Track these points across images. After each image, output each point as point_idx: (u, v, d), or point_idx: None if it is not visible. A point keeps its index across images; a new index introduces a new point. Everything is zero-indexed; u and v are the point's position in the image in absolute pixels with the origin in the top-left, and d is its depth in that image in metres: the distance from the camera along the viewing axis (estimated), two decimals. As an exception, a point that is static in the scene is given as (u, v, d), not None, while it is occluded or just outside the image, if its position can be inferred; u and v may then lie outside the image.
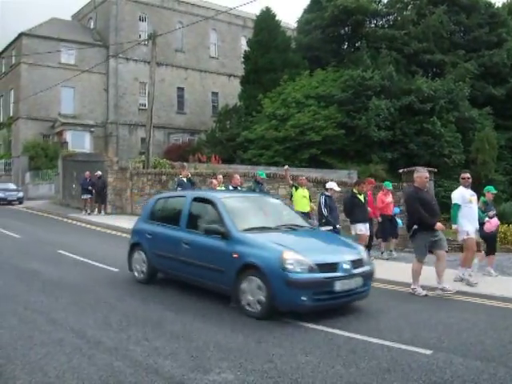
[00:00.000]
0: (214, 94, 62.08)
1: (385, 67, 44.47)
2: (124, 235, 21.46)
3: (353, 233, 15.26)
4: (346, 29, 52.45)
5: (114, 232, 22.65)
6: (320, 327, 8.52)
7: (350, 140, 42.09)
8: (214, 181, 18.55)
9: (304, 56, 49.32)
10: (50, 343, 7.36)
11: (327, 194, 14.91)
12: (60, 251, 16.00)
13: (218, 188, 18.14)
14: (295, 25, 58.69)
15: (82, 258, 14.84)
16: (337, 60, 48.90)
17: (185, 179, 20.27)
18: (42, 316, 8.90)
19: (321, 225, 14.48)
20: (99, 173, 29.10)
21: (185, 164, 24.04)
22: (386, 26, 52.92)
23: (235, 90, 54.12)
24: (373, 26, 52.89)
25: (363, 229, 15.14)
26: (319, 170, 35.55)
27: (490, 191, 14.33)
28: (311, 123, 41.01)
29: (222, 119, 49.41)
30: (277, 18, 50.19)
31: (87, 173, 29.62)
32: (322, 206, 14.59)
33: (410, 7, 53.75)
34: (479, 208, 13.42)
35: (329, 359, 6.98)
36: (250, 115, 45.46)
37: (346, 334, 8.19)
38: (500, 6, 56.44)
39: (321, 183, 23.29)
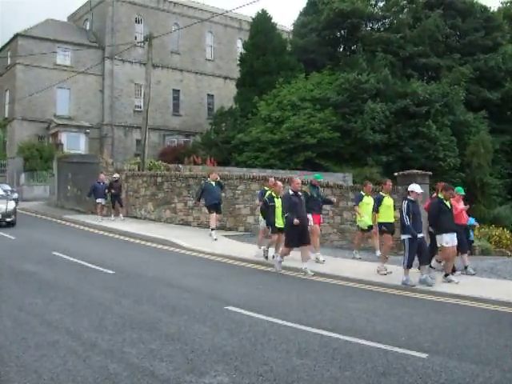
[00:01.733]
0: (210, 96, 62.10)
1: (380, 70, 44.59)
2: (119, 237, 21.47)
3: (438, 244, 13.66)
4: (342, 32, 52.55)
5: (108, 234, 22.61)
6: (315, 330, 8.51)
7: (345, 143, 42.17)
8: (279, 182, 16.46)
9: (300, 59, 49.42)
10: (45, 345, 7.33)
11: (410, 198, 13.34)
12: (55, 253, 15.94)
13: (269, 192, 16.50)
14: (291, 27, 58.84)
15: (77, 260, 14.80)
16: (332, 63, 48.99)
17: (213, 183, 20.13)
18: (37, 318, 8.86)
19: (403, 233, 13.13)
20: (117, 175, 27.44)
21: (214, 168, 24.62)
22: (382, 29, 53.05)
23: (231, 93, 54.16)
24: (368, 29, 53.05)
25: (449, 241, 13.31)
26: (315, 173, 35.52)
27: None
28: (306, 126, 41.10)
29: (218, 121, 49.45)
30: (273, 20, 50.30)
31: (102, 175, 27.58)
32: (404, 214, 13.01)
33: (405, 11, 53.92)
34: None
35: (324, 362, 6.97)
36: (246, 118, 45.52)
37: (342, 337, 8.19)
38: (495, 10, 56.70)
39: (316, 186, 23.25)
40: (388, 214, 14.85)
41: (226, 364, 6.76)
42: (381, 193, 15.54)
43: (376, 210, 15.07)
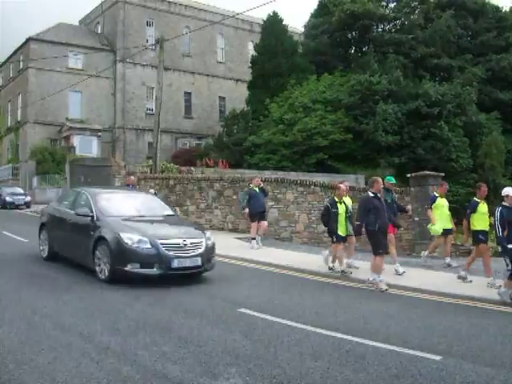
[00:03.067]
0: (222, 98, 62.19)
1: (392, 72, 44.47)
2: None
3: None
4: (353, 33, 52.45)
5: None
6: (329, 332, 8.48)
7: (357, 144, 42.08)
8: (343, 185, 14.96)
9: (311, 60, 49.39)
10: (58, 348, 7.34)
11: (505, 204, 11.75)
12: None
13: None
14: (302, 29, 58.81)
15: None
16: (344, 64, 48.96)
17: (256, 189, 19.20)
18: (51, 320, 8.87)
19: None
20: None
21: (257, 175, 22.98)
22: (393, 30, 52.92)
23: (242, 95, 54.19)
24: (380, 30, 52.92)
25: None
26: (326, 175, 35.50)
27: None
28: (318, 128, 41.03)
29: (229, 124, 49.45)
30: (284, 22, 50.31)
31: (131, 177, 24.37)
32: (497, 223, 11.40)
33: (417, 11, 53.77)
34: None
35: (338, 364, 6.94)
36: (257, 120, 45.52)
37: (355, 339, 8.15)
38: (508, 10, 56.36)
39: (328, 188, 23.26)
40: (484, 222, 13.45)
41: (239, 366, 6.75)
42: (475, 198, 13.93)
43: (468, 216, 13.65)
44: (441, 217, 15.67)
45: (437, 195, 16.19)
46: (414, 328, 9.10)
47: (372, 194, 13.04)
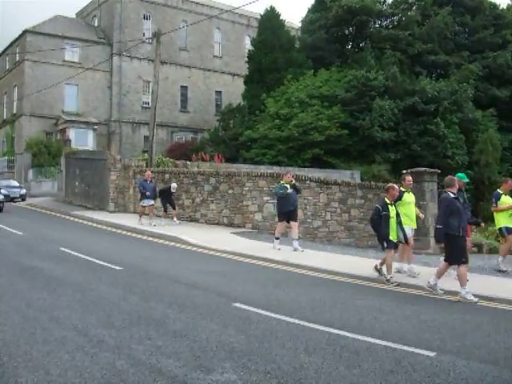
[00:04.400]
0: (218, 92, 62.17)
1: (389, 68, 44.47)
2: (127, 233, 21.49)
3: None
4: (351, 29, 52.37)
5: (116, 230, 22.65)
6: (323, 328, 8.48)
7: (353, 140, 42.08)
8: (396, 185, 13.51)
9: (308, 56, 49.31)
10: (53, 341, 7.34)
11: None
12: (63, 249, 15.99)
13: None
14: (299, 24, 58.67)
15: (84, 256, 14.83)
16: (341, 60, 48.92)
17: (288, 186, 17.58)
18: (45, 314, 8.88)
19: None
20: (175, 186, 24.00)
21: (289, 170, 20.98)
22: (391, 26, 52.90)
23: (239, 90, 54.14)
24: (377, 26, 52.88)
25: None
26: (322, 170, 35.54)
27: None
28: (314, 123, 41.02)
29: (226, 118, 49.40)
30: (281, 17, 50.21)
31: (148, 172, 24.77)
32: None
33: (414, 8, 53.70)
34: None
35: (332, 360, 6.95)
36: (254, 114, 45.47)
37: (350, 334, 8.16)
38: (505, 7, 56.41)
39: (324, 184, 23.28)
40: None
41: (233, 361, 6.75)
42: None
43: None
44: (504, 215, 14.74)
45: (501, 192, 14.99)
46: (408, 324, 9.12)
47: (452, 195, 11.71)
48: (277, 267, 14.80)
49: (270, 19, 49.26)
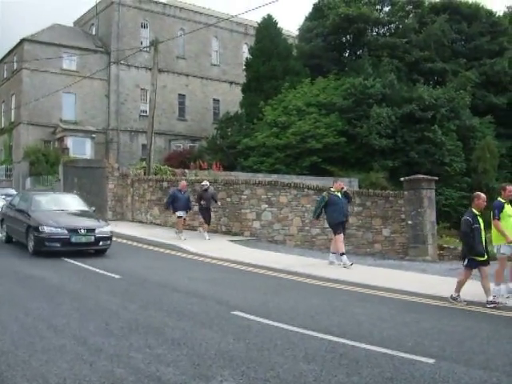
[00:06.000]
0: (216, 101, 62.17)
1: (386, 75, 44.56)
2: (126, 241, 21.44)
3: None
4: (348, 37, 52.51)
5: (115, 238, 22.58)
6: (322, 335, 8.49)
7: (350, 148, 42.13)
8: (483, 194, 11.99)
9: (305, 64, 49.42)
10: (51, 350, 7.32)
11: None
12: (62, 257, 15.97)
13: None
14: (297, 32, 58.77)
15: (83, 265, 14.82)
16: (338, 68, 48.98)
17: (339, 194, 16.60)
18: (43, 322, 8.86)
19: None
20: (207, 183, 22.29)
21: (338, 179, 19.20)
22: (388, 34, 53.03)
23: (236, 98, 54.22)
24: (374, 34, 52.99)
25: None
26: (320, 178, 35.51)
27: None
28: (312, 131, 41.07)
29: (223, 126, 49.46)
30: (278, 25, 50.37)
31: (183, 182, 23.05)
32: None
33: (411, 15, 53.85)
34: None
35: (331, 367, 6.95)
36: (251, 122, 45.53)
37: (349, 342, 8.16)
38: (501, 14, 56.55)
39: (322, 191, 23.27)
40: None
41: (232, 369, 6.75)
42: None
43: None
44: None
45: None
46: (408, 331, 9.12)
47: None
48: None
49: (268, 27, 49.39)
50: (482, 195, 11.83)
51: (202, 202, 21.72)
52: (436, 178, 22.92)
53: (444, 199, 37.96)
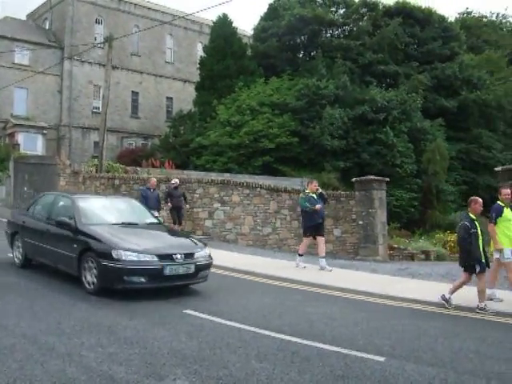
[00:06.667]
0: (169, 99, 61.86)
1: (339, 77, 44.85)
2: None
3: None
4: (302, 38, 52.66)
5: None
6: (274, 334, 8.55)
7: (303, 148, 42.25)
8: (480, 199, 11.77)
9: (259, 63, 49.47)
10: (1, 350, 7.23)
11: None
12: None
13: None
14: (252, 32, 58.80)
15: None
16: (292, 68, 49.09)
17: (314, 195, 15.95)
18: (-7, 321, 8.74)
19: None
20: (176, 181, 21.92)
21: (313, 180, 17.43)
22: (342, 36, 53.28)
23: (190, 96, 54.00)
24: (329, 35, 53.23)
25: None
26: (272, 178, 35.64)
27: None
28: (265, 131, 41.10)
29: (176, 124, 49.25)
30: (233, 24, 50.30)
31: (153, 180, 21.66)
32: None
33: (365, 18, 54.25)
34: None
35: (283, 366, 7.01)
36: (205, 121, 45.39)
37: (301, 340, 8.24)
38: (453, 20, 57.58)
39: (274, 191, 23.38)
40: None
41: (185, 368, 6.76)
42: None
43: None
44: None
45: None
46: (359, 330, 9.24)
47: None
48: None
49: (223, 26, 49.34)
50: (479, 199, 11.58)
51: (172, 201, 21.14)
52: (387, 179, 23.16)
53: (395, 200, 38.36)
